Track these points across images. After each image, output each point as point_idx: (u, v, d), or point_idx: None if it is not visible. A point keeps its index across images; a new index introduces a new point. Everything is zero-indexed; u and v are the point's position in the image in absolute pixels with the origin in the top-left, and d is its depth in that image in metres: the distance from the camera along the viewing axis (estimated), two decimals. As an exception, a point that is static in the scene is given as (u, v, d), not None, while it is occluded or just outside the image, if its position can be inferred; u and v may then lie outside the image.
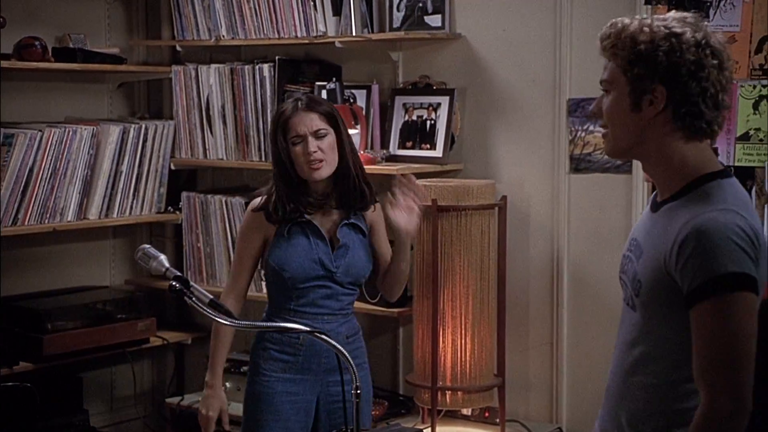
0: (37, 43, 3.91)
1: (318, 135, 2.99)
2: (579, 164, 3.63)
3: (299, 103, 3.04)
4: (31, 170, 3.87)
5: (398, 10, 3.90)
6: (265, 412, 3.04)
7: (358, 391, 2.20)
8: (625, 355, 2.11)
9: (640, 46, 2.00)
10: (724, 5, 3.31)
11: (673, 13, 2.06)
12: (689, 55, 1.97)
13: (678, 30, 1.99)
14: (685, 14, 2.05)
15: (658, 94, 2.00)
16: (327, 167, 3.00)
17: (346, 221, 3.07)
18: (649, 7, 3.41)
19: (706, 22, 2.06)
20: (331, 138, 3.01)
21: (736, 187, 2.03)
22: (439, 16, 3.82)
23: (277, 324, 2.87)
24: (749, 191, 3.28)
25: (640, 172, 3.41)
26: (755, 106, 3.28)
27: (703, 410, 1.94)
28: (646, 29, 2.00)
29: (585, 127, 3.59)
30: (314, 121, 3.00)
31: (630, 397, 2.09)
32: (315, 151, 2.96)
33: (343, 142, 3.04)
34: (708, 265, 1.91)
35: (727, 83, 2.02)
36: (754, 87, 3.27)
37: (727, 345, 1.93)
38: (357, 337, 3.12)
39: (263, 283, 3.43)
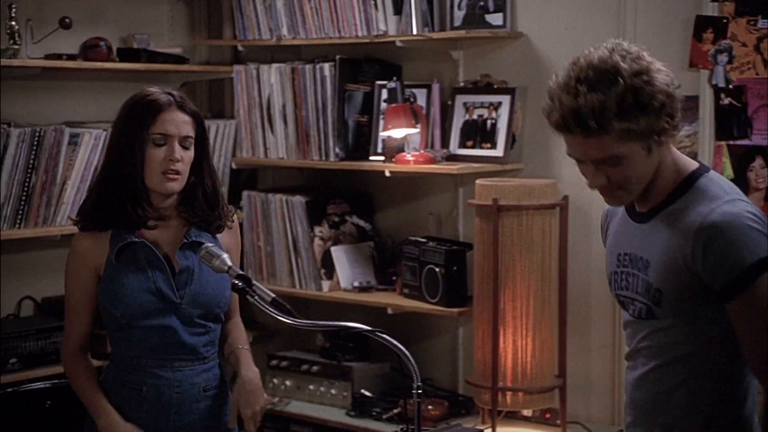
0: (102, 43, 3.96)
1: (184, 144, 2.53)
2: (642, 164, 3.58)
3: (174, 97, 2.55)
4: (96, 169, 3.92)
5: (459, 8, 3.88)
6: None
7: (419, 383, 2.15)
8: (655, 364, 2.14)
9: (630, 100, 2.01)
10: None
11: (597, 55, 2.07)
12: (658, 84, 2.03)
13: (643, 65, 2.03)
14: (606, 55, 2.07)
15: (666, 126, 2.04)
16: (180, 182, 2.54)
17: (186, 239, 2.55)
18: (716, 4, 3.36)
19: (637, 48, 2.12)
20: (191, 153, 2.55)
21: (721, 178, 2.14)
22: (500, 15, 3.80)
23: (338, 324, 2.46)
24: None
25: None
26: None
27: None
28: (621, 81, 2.01)
29: (648, 126, 3.54)
30: (186, 126, 2.53)
31: (669, 406, 2.12)
32: (179, 161, 2.50)
33: (207, 155, 2.61)
34: (738, 258, 1.99)
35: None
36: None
37: None
38: (218, 390, 2.64)
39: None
